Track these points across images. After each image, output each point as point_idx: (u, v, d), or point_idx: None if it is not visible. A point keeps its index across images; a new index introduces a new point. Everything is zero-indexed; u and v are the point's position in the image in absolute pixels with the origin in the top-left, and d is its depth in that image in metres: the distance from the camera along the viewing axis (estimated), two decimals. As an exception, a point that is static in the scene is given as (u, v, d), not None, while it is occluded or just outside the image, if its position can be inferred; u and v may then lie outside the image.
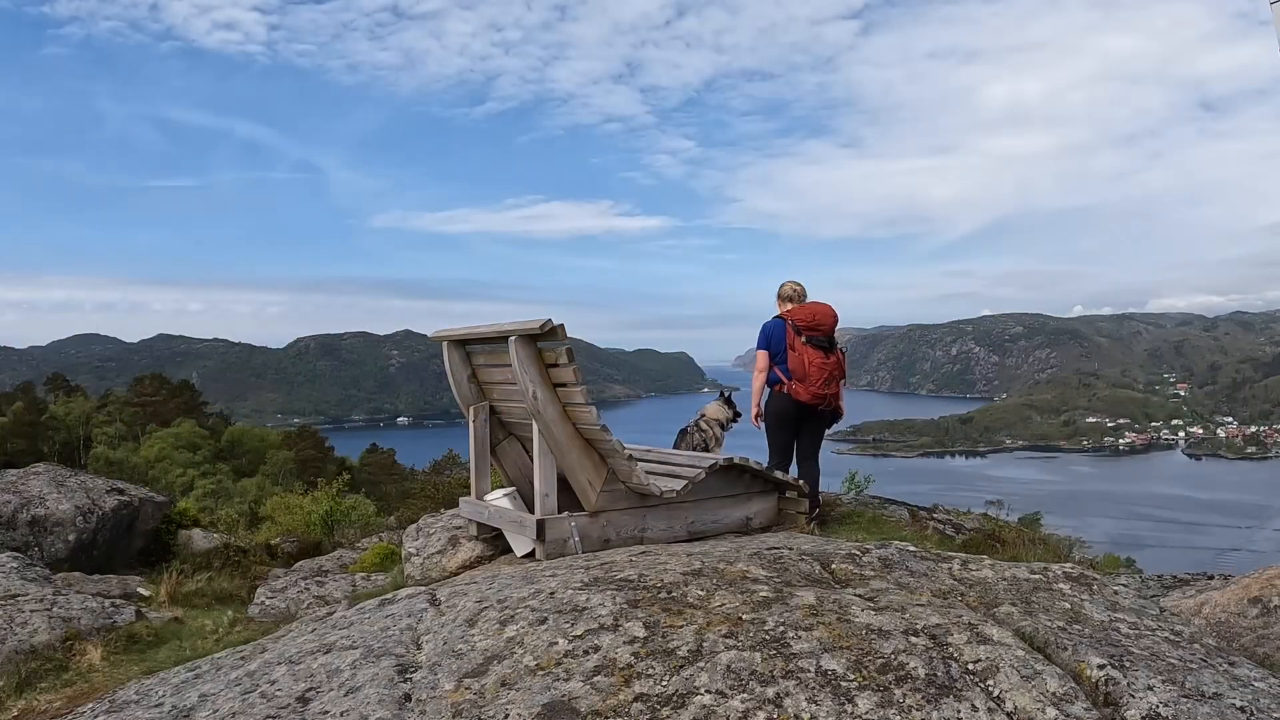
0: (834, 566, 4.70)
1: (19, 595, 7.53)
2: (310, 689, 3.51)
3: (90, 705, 4.41)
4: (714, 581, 4.17)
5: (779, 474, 7.92)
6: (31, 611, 7.15)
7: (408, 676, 3.51)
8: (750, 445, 8.76)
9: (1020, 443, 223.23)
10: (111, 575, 9.83)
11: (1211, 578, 9.57)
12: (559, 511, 6.66)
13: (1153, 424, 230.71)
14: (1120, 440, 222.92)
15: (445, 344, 7.49)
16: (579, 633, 3.60)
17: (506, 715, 3.04)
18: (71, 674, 6.78)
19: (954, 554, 5.47)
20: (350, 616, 4.64)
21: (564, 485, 6.82)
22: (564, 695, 3.11)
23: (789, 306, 8.93)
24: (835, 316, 8.58)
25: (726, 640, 3.39)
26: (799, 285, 9.21)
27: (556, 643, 3.53)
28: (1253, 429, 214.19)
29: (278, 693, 3.53)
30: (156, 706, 3.73)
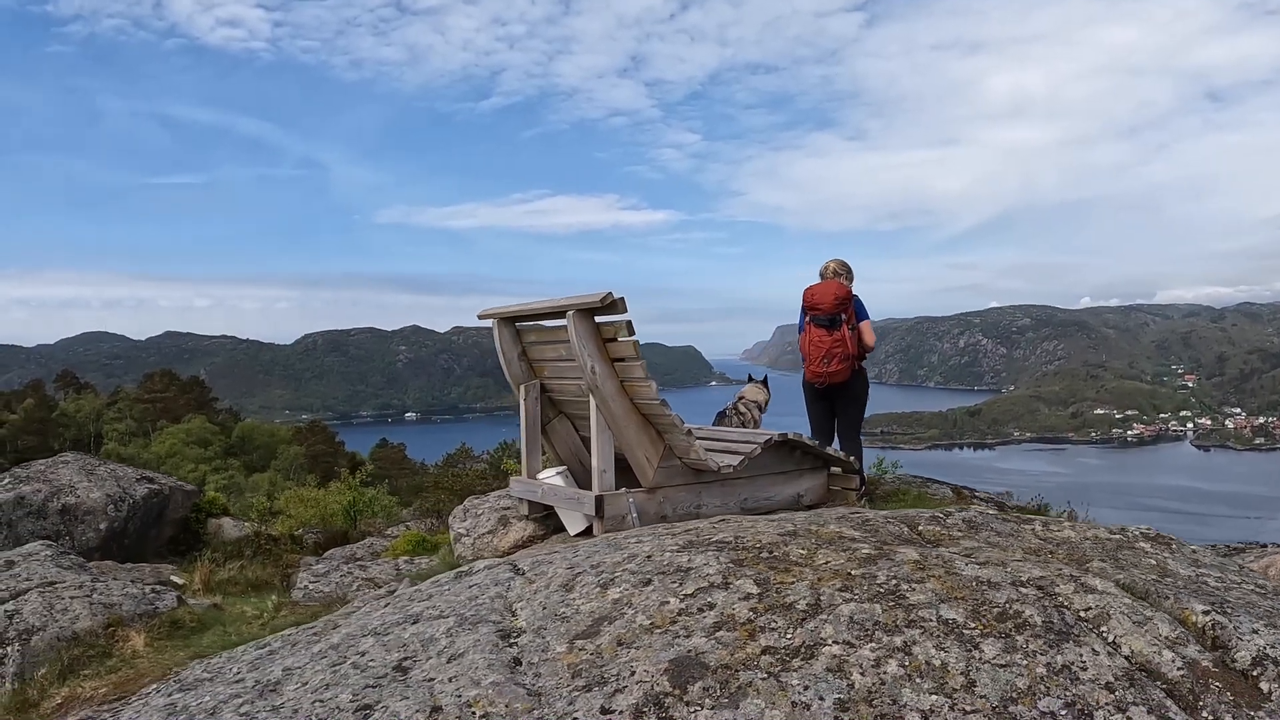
0: (920, 528, 4.70)
1: (56, 582, 7.34)
2: (406, 658, 3.34)
3: (155, 686, 4.22)
4: (812, 541, 4.11)
5: (831, 450, 7.79)
6: (71, 598, 6.96)
7: (512, 641, 3.37)
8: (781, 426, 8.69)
9: (1028, 435, 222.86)
10: (144, 564, 9.66)
11: (1264, 546, 9.47)
12: (615, 488, 6.55)
13: (1161, 415, 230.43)
14: (1128, 432, 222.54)
15: (495, 321, 7.31)
16: (689, 591, 3.51)
17: (632, 672, 2.93)
18: (115, 660, 6.61)
19: (1033, 515, 5.36)
20: (427, 589, 4.46)
21: (618, 463, 6.72)
22: (689, 650, 3.03)
23: None
24: (835, 295, 8.39)
25: (843, 594, 3.37)
26: (832, 262, 8.97)
27: (668, 602, 3.45)
28: (1261, 420, 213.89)
29: (370, 663, 3.36)
30: (237, 681, 3.53)
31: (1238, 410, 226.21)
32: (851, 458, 8.07)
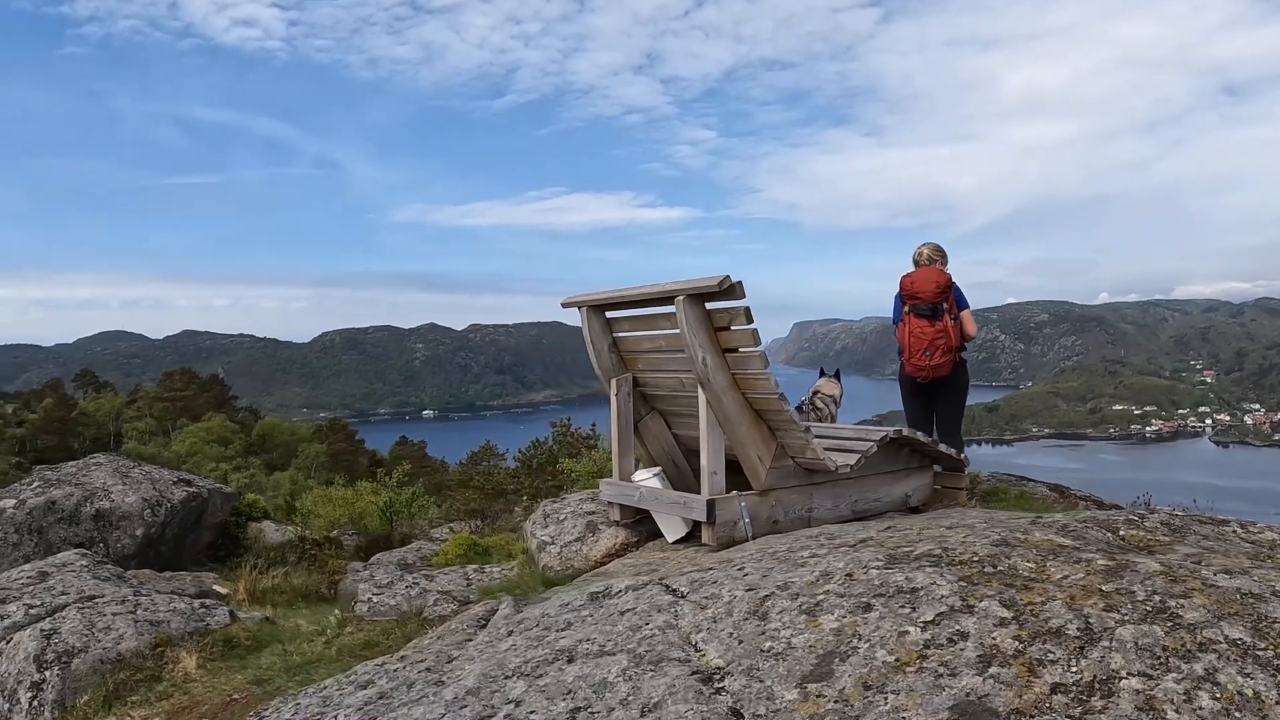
0: (1122, 532, 4.16)
1: (96, 597, 6.66)
2: (579, 708, 2.66)
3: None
4: (1033, 552, 3.50)
5: (944, 447, 7.17)
6: (114, 615, 6.28)
7: (717, 685, 2.74)
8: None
9: (1046, 431, 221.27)
10: (183, 572, 8.97)
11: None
12: (725, 491, 5.94)
13: (1179, 411, 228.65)
14: (1147, 428, 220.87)
15: (584, 310, 6.63)
16: (928, 618, 2.94)
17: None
18: (166, 685, 5.92)
19: (1227, 517, 4.93)
20: (561, 615, 3.78)
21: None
22: (966, 693, 2.49)
23: None
24: (937, 283, 7.84)
25: (1110, 614, 2.84)
26: (926, 247, 8.37)
27: (907, 631, 2.87)
28: None
29: (532, 715, 2.64)
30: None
31: (1257, 406, 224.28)
32: (963, 454, 7.52)
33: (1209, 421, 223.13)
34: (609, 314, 6.71)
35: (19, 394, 75.19)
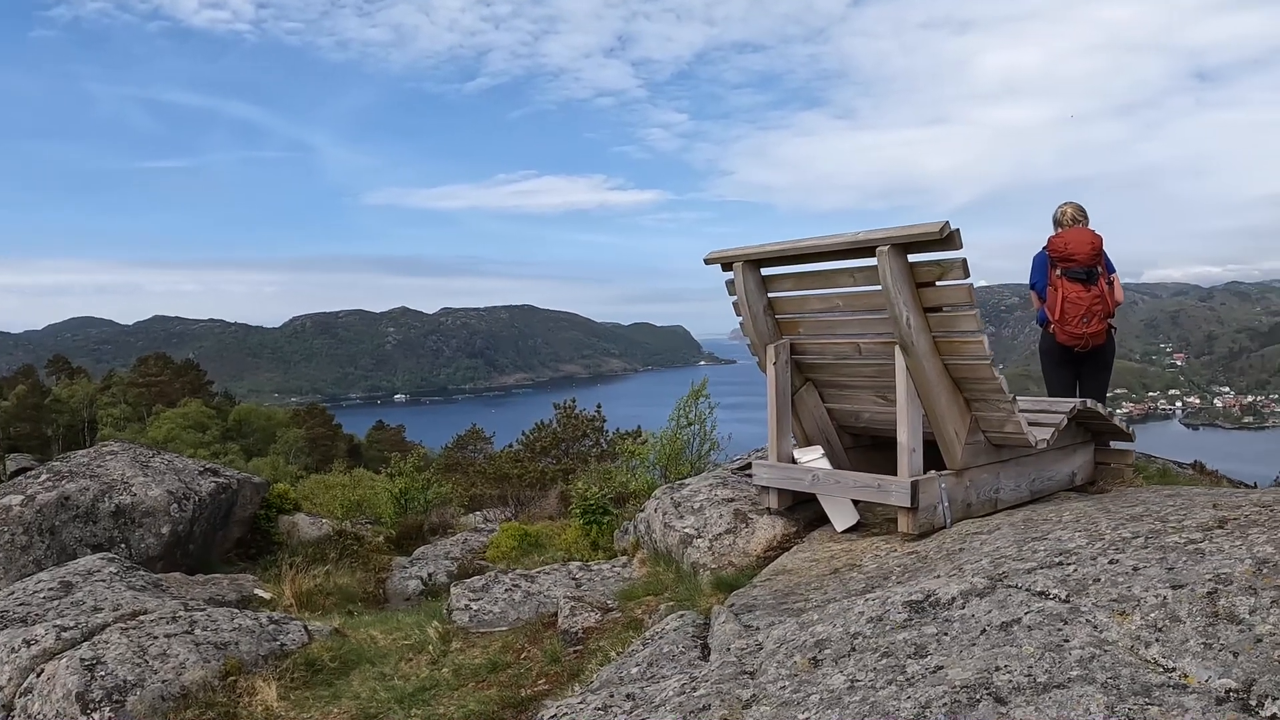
0: None
1: (140, 613, 5.52)
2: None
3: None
4: None
5: (1117, 421, 6.33)
6: (168, 636, 5.14)
7: (1262, 715, 2.10)
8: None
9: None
10: (218, 575, 7.85)
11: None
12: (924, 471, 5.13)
13: (1150, 394, 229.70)
14: (1118, 410, 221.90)
15: (739, 266, 5.60)
16: None
17: None
18: (245, 723, 4.83)
19: None
20: (884, 637, 2.85)
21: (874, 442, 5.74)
22: None
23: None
24: (1093, 244, 7.18)
25: None
26: (1069, 206, 7.64)
27: None
28: (1250, 399, 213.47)
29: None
30: None
31: (1226, 389, 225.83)
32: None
33: (1179, 404, 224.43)
34: (765, 271, 5.69)
35: (-12, 381, 73.26)
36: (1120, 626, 2.58)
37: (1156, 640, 2.47)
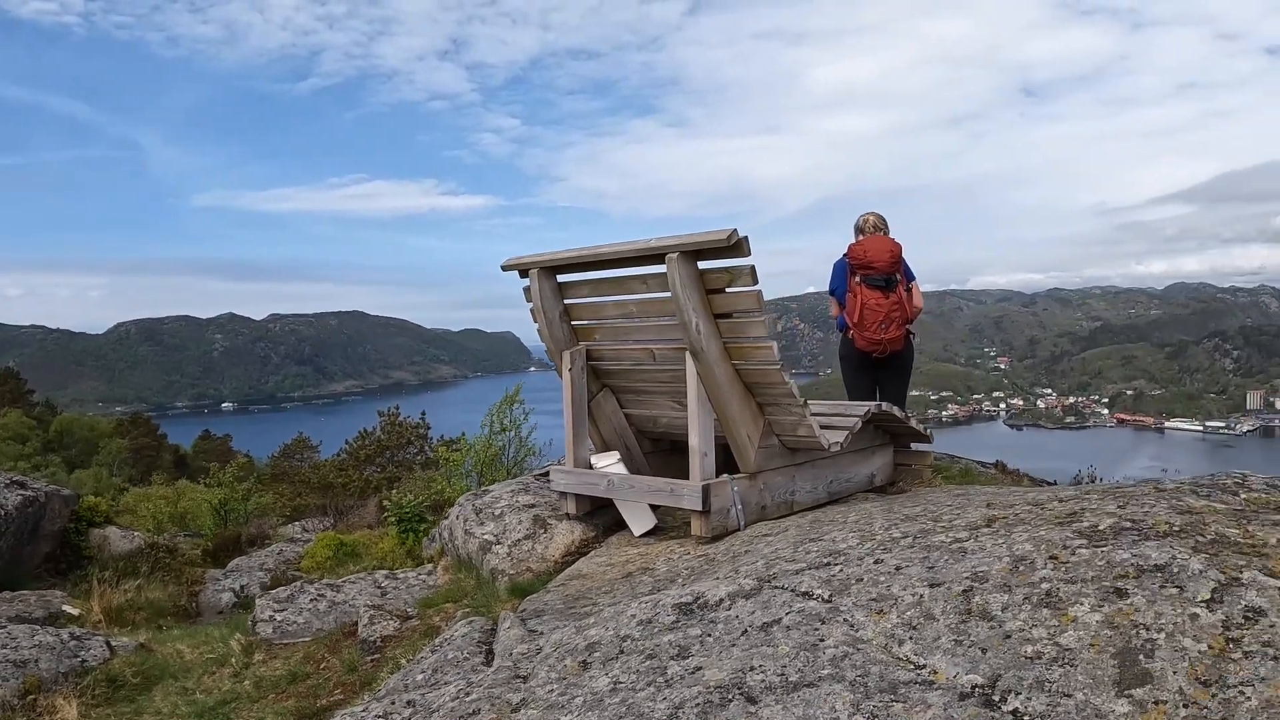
0: (1242, 496, 3.55)
1: (-67, 629, 5.39)
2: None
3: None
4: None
5: (914, 423, 6.69)
6: (-39, 651, 5.05)
7: (1005, 710, 2.25)
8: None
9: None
10: (25, 591, 7.63)
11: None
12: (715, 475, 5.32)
13: (975, 396, 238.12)
14: (944, 413, 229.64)
15: (535, 273, 5.76)
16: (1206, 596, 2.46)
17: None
18: (45, 743, 4.75)
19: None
20: (654, 639, 3.02)
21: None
22: None
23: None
24: (892, 251, 7.49)
25: None
26: (871, 215, 7.99)
27: (1197, 614, 2.40)
28: (1071, 400, 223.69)
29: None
30: None
31: (1049, 391, 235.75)
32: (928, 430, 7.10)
33: (1003, 406, 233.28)
34: (561, 278, 5.86)
35: None
36: (876, 625, 2.76)
37: (910, 638, 2.64)
